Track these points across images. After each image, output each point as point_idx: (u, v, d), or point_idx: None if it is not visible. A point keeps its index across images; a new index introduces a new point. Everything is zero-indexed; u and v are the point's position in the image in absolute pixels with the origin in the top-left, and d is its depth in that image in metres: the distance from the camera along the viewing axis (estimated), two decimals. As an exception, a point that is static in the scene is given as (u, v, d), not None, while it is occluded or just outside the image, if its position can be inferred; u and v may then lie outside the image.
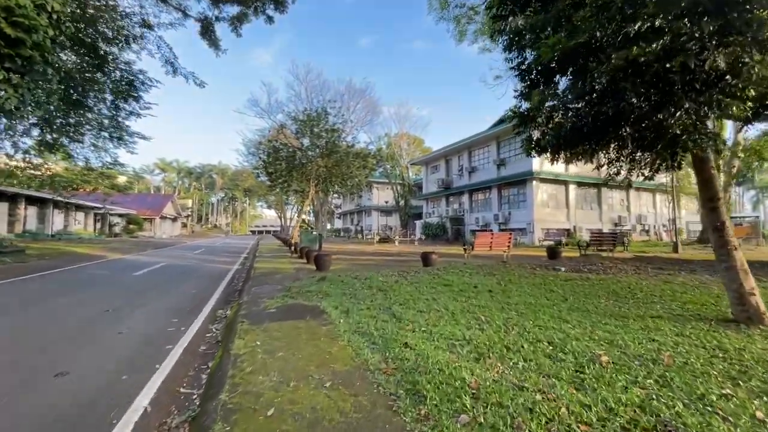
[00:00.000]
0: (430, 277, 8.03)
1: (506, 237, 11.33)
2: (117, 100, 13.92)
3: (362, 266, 10.98)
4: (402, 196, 44.46)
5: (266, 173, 24.66)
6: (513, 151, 26.99)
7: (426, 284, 7.21)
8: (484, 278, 7.99)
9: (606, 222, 27.40)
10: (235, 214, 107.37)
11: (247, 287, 7.56)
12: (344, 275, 8.49)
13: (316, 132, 22.49)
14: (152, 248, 21.28)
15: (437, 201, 36.03)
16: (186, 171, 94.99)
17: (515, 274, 8.70)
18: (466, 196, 31.24)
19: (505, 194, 27.52)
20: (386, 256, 14.78)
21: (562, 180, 25.52)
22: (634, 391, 2.56)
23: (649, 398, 2.46)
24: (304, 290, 6.67)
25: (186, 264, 12.83)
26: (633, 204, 29.06)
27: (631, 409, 2.32)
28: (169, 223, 48.00)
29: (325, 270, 9.74)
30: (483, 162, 30.15)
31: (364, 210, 52.82)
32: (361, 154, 23.20)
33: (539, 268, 10.01)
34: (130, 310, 5.69)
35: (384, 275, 8.48)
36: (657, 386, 2.65)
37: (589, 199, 27.41)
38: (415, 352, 3.35)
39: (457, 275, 8.33)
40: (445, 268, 9.67)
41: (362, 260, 13.11)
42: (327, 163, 23.13)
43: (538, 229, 24.39)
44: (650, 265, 10.80)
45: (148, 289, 7.74)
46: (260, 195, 72.58)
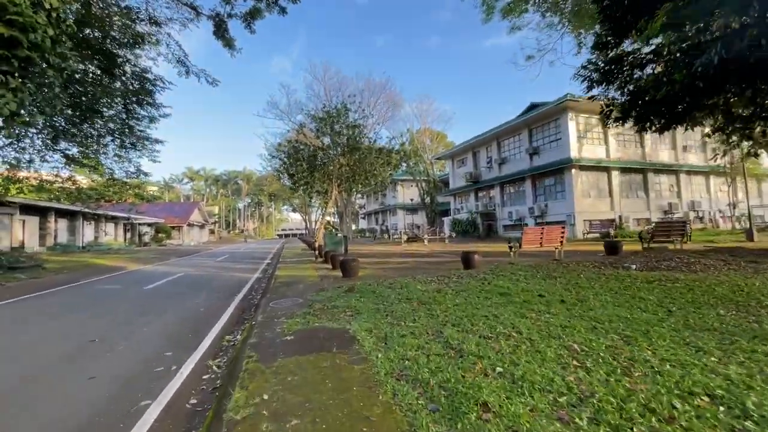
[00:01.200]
0: (479, 284, 6.71)
1: (558, 231, 9.82)
2: (128, 102, 13.34)
3: (394, 270, 9.78)
4: (427, 192, 43.00)
5: (287, 175, 23.93)
6: (547, 138, 25.06)
7: (476, 293, 5.91)
8: (545, 283, 6.59)
9: (654, 210, 25.01)
10: (261, 219, 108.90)
11: (264, 301, 6.52)
12: (375, 283, 7.30)
13: (336, 129, 21.52)
14: (175, 257, 20.91)
15: (465, 196, 34.36)
16: (213, 178, 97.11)
17: (580, 275, 7.25)
18: (497, 189, 29.47)
19: (540, 185, 25.61)
20: (418, 258, 13.52)
21: (603, 166, 23.41)
22: None
23: None
24: (330, 305, 5.53)
25: (203, 274, 12.04)
26: (684, 189, 26.44)
27: None
28: (196, 230, 48.58)
29: (352, 277, 8.60)
30: (514, 152, 28.29)
31: (388, 209, 51.70)
32: (384, 150, 22.02)
33: (603, 266, 8.47)
34: (121, 339, 4.72)
35: (421, 282, 7.23)
36: None
37: (634, 187, 25.09)
38: (503, 423, 2.09)
39: (511, 280, 6.97)
40: (492, 270, 8.31)
41: (392, 263, 11.91)
42: (349, 161, 22.12)
43: (579, 221, 22.42)
44: (737, 257, 9.02)
45: (152, 307, 6.84)
46: (285, 199, 72.89)
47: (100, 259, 17.36)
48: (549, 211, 24.39)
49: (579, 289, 5.90)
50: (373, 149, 22.05)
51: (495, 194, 29.86)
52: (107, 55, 12.05)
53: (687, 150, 27.01)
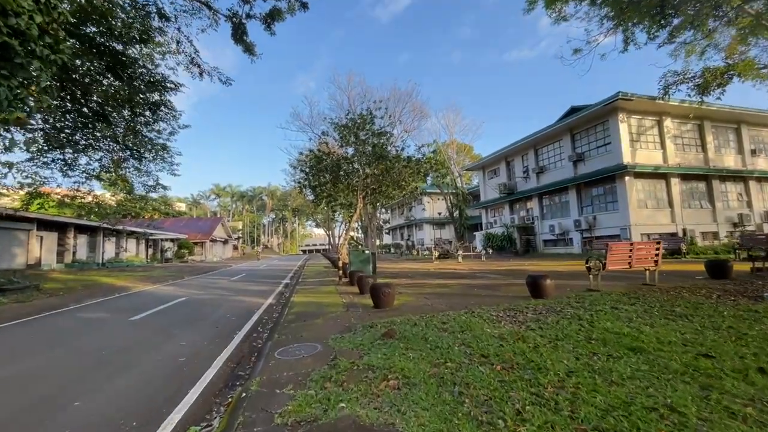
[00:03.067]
0: (575, 325, 4.62)
1: (652, 248, 7.56)
2: (137, 105, 12.18)
3: (437, 297, 7.77)
4: (456, 206, 40.75)
5: (309, 187, 22.53)
6: (594, 143, 22.58)
7: (584, 345, 3.85)
8: (679, 326, 4.43)
9: (722, 222, 21.89)
10: (285, 234, 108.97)
11: (270, 346, 4.68)
12: (420, 320, 5.33)
13: (361, 138, 19.98)
14: (191, 275, 19.58)
15: (499, 209, 31.94)
16: (238, 195, 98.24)
17: (721, 312, 5.02)
18: (535, 200, 26.99)
19: (587, 195, 23.01)
20: (459, 279, 11.42)
21: (661, 173, 20.69)
22: None
23: None
24: (361, 364, 3.60)
25: (210, 298, 10.38)
26: (755, 198, 23.14)
27: None
28: (219, 245, 48.00)
29: (387, 307, 6.66)
30: (554, 160, 25.87)
31: (414, 223, 49.65)
32: (413, 159, 20.24)
33: (730, 296, 6.17)
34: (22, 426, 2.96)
35: (486, 319, 5.20)
36: None
37: (697, 195, 22.09)
38: None
39: (620, 319, 4.83)
40: (578, 301, 6.16)
41: (431, 286, 9.88)
42: (375, 171, 20.45)
43: (636, 235, 19.66)
44: None
45: (122, 353, 5.11)
46: (308, 214, 72.19)
47: (110, 277, 16.19)
48: (598, 224, 21.74)
49: (749, 341, 3.73)
50: (401, 158, 20.35)
51: (533, 206, 27.35)
52: (112, 53, 10.92)
53: (756, 154, 23.81)
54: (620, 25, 19.05)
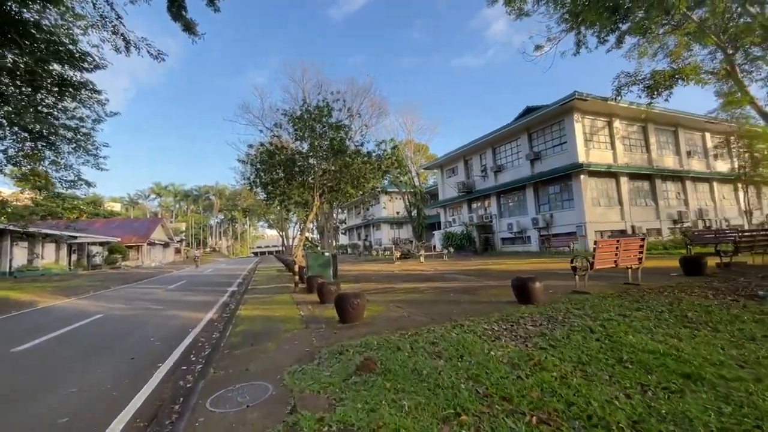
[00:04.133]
0: (593, 342, 3.79)
1: (637, 245, 7.11)
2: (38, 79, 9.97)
3: (411, 305, 6.76)
4: (414, 205, 40.36)
5: (261, 184, 20.74)
6: (550, 143, 22.93)
7: (625, 372, 2.99)
8: (712, 337, 3.75)
9: (664, 219, 23.16)
10: (235, 236, 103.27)
11: (200, 390, 3.36)
12: (403, 340, 4.25)
13: (318, 132, 18.61)
14: (119, 283, 17.02)
15: (457, 207, 31.86)
16: (182, 194, 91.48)
17: (729, 316, 4.46)
18: (494, 199, 27.08)
19: (544, 194, 23.32)
20: (428, 281, 10.53)
21: (612, 172, 21.39)
22: None
23: None
24: (335, 425, 2.45)
25: (134, 314, 8.56)
26: (690, 197, 24.81)
27: None
28: (159, 249, 43.79)
29: (356, 321, 5.51)
30: (512, 159, 26.07)
31: (372, 223, 48.69)
32: (373, 154, 19.20)
33: (719, 294, 5.77)
34: None
35: (480, 335, 4.24)
36: None
37: (642, 194, 23.20)
38: None
39: (637, 330, 4.08)
40: (577, 307, 5.41)
41: (400, 291, 8.87)
42: (333, 167, 19.17)
43: (591, 232, 20.12)
44: None
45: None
46: (260, 214, 68.60)
47: (14, 290, 13.42)
48: (555, 222, 22.06)
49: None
50: (361, 153, 19.25)
51: (491, 205, 27.44)
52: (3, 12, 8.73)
53: (691, 155, 25.57)
54: (573, 29, 19.38)
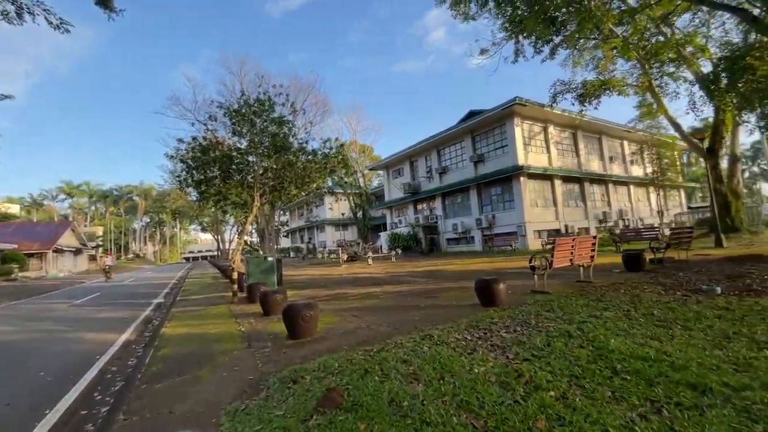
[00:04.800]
0: (578, 349, 3.48)
1: (590, 242, 7.21)
2: None
3: (368, 312, 6.15)
4: (359, 206, 39.87)
5: (193, 184, 18.81)
6: (492, 145, 23.72)
7: (625, 385, 2.67)
8: (690, 337, 3.62)
9: (591, 219, 25.09)
10: (163, 241, 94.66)
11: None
12: (369, 359, 3.63)
13: (259, 126, 17.30)
14: (12, 299, 14.18)
15: (403, 208, 31.89)
16: (99, 194, 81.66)
17: (691, 313, 4.49)
18: (439, 200, 27.45)
19: (487, 195, 24.07)
20: (381, 285, 9.99)
21: (548, 174, 22.66)
22: None
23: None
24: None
25: (23, 340, 6.85)
26: (612, 198, 27.22)
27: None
28: (69, 257, 38.32)
29: (309, 336, 4.77)
30: (456, 160, 26.61)
31: (316, 225, 47.24)
32: (319, 152, 18.28)
33: (669, 290, 5.95)
34: None
35: (460, 350, 3.76)
36: None
37: (573, 196, 24.93)
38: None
39: (615, 333, 3.88)
40: (548, 309, 5.17)
41: (354, 297, 8.22)
42: (275, 165, 17.93)
43: (530, 232, 21.09)
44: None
45: None
46: (192, 216, 63.40)
47: None
48: (497, 222, 22.83)
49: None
50: (306, 151, 18.25)
51: (437, 206, 27.78)
52: None
53: (612, 161, 28.07)
54: (512, 38, 20.20)
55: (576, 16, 16.81)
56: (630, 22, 16.92)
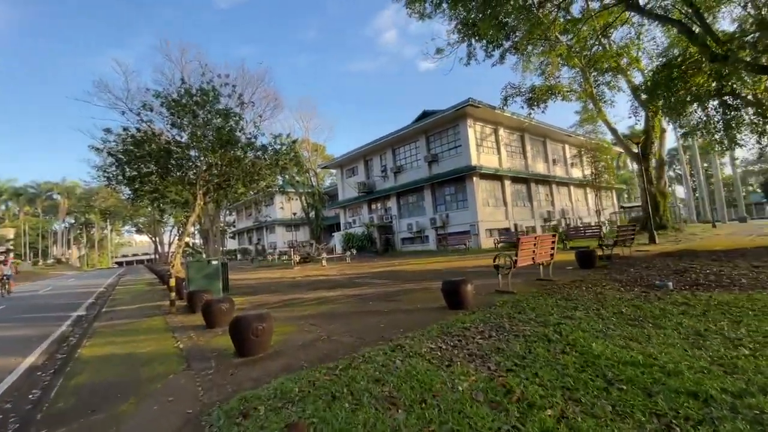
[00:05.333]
0: (561, 355, 3.24)
1: (550, 240, 7.25)
2: None
3: (328, 320, 5.61)
4: (312, 206, 38.72)
5: (125, 180, 16.97)
6: (446, 146, 24.00)
7: (624, 399, 2.43)
8: (666, 336, 3.54)
9: (537, 218, 26.33)
10: (91, 244, 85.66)
11: None
12: (335, 379, 3.12)
13: (202, 118, 15.96)
14: None
15: (357, 208, 31.40)
16: (10, 192, 71.93)
17: (656, 310, 4.51)
18: (393, 199, 27.32)
19: (441, 194, 24.32)
20: (339, 289, 9.44)
21: (499, 175, 23.38)
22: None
23: None
24: None
25: None
26: (555, 199, 28.81)
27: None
28: (-29, 264, 33.01)
29: (262, 353, 4.14)
30: (411, 160, 26.63)
31: (265, 225, 45.18)
32: (269, 147, 17.22)
33: (626, 287, 6.09)
34: None
35: (437, 362, 3.38)
36: None
37: (521, 196, 26.01)
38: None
39: (594, 335, 3.72)
40: (518, 310, 4.97)
41: (310, 302, 7.60)
42: (220, 161, 16.64)
43: (482, 231, 21.59)
44: (724, 260, 7.89)
45: None
46: (126, 216, 57.87)
47: None
48: (451, 222, 23.13)
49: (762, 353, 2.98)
50: (255, 146, 17.13)
51: (391, 205, 27.63)
52: None
53: (555, 163, 29.71)
54: (464, 40, 20.56)
55: (526, 22, 17.37)
56: (574, 31, 17.84)
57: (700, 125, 12.34)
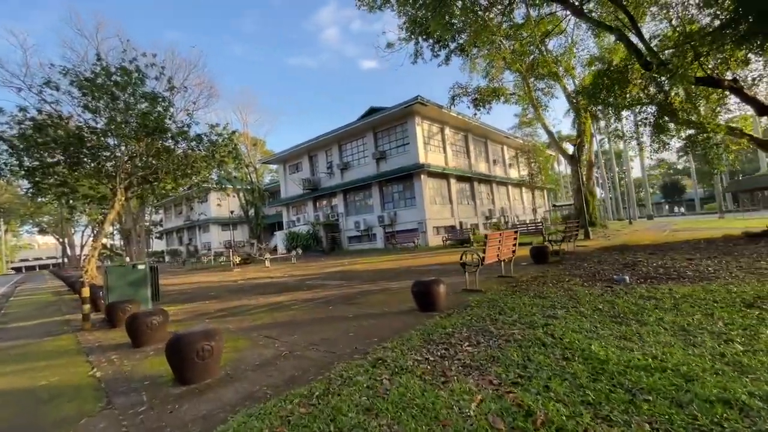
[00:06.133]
0: (576, 365, 2.94)
1: (512, 237, 7.18)
2: None
3: (286, 331, 4.89)
4: (251, 203, 36.52)
5: (23, 172, 14.47)
6: (394, 143, 23.84)
7: (652, 411, 2.15)
8: (657, 332, 3.42)
9: (479, 216, 27.26)
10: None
11: None
12: (310, 414, 2.51)
13: (124, 100, 14.03)
14: None
15: (302, 206, 30.14)
16: None
17: (630, 305, 4.50)
18: (340, 197, 26.59)
19: (389, 192, 24.12)
20: (291, 292, 8.63)
21: (445, 173, 23.76)
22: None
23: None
24: None
25: None
26: (496, 197, 30.11)
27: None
28: None
29: (208, 378, 3.35)
30: (358, 157, 26.09)
31: (198, 224, 41.74)
32: (205, 137, 15.62)
33: (587, 282, 6.18)
34: None
35: (429, 378, 2.91)
36: None
37: (465, 194, 26.73)
38: None
39: (588, 336, 3.51)
40: (498, 311, 4.68)
41: (260, 310, 6.74)
42: (146, 151, 14.77)
43: (430, 229, 21.77)
44: (646, 254, 8.49)
45: None
46: (24, 214, 49.84)
47: None
48: (399, 220, 23.04)
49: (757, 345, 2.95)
50: (189, 136, 15.47)
51: (338, 203, 26.86)
52: None
53: (495, 163, 31.05)
54: (412, 38, 20.54)
55: (473, 24, 17.69)
56: (516, 37, 18.56)
57: (634, 130, 13.42)
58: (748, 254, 7.75)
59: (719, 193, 29.50)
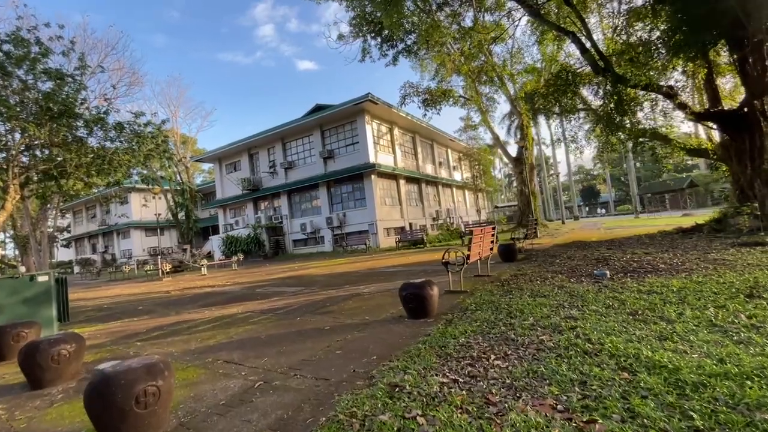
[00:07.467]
0: (609, 371, 2.43)
1: (490, 233, 6.79)
2: None
3: (250, 354, 3.89)
4: (181, 205, 33.12)
5: None
6: (343, 142, 22.99)
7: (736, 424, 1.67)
8: (652, 329, 3.09)
9: (427, 217, 27.40)
10: None
11: None
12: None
13: (18, 77, 11.63)
14: None
15: (241, 208, 27.93)
16: None
17: (604, 298, 4.24)
18: (284, 198, 25.04)
19: (337, 193, 23.18)
20: (241, 303, 7.42)
21: (395, 174, 23.45)
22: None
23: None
24: None
25: None
26: (442, 199, 30.56)
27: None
28: None
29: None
30: (304, 155, 24.78)
31: (117, 230, 36.94)
32: (127, 126, 13.43)
33: (569, 279, 5.98)
34: None
35: (476, 408, 2.22)
36: None
37: (414, 195, 26.70)
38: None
39: (623, 337, 3.07)
40: (505, 315, 4.12)
41: (206, 327, 5.55)
42: (50, 139, 12.32)
43: (381, 230, 21.25)
44: (604, 249, 8.74)
45: None
46: None
47: None
48: (348, 221, 22.21)
49: None
50: (107, 124, 13.22)
51: (282, 204, 25.26)
52: None
53: (441, 166, 31.56)
54: (360, 35, 20.02)
55: (424, 23, 17.56)
56: (465, 40, 18.82)
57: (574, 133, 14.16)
58: (692, 247, 8.24)
59: (635, 196, 33.01)
